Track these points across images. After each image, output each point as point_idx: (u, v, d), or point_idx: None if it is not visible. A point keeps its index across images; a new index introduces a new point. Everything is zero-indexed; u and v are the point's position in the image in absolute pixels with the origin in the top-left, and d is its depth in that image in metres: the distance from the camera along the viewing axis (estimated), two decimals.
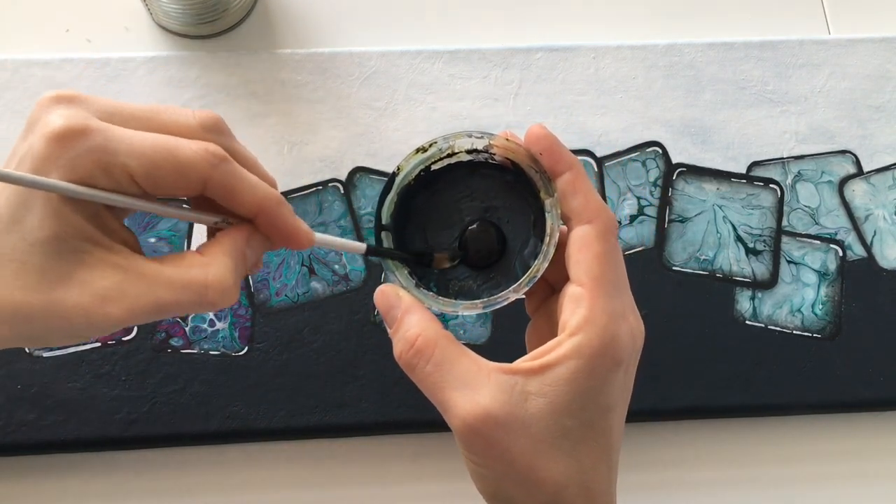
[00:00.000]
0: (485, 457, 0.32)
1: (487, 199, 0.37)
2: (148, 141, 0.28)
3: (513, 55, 0.51)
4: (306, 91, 0.50)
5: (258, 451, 0.45)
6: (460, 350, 0.33)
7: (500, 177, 0.37)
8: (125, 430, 0.43)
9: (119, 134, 0.28)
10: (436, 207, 0.37)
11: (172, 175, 0.29)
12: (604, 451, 0.33)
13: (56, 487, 0.44)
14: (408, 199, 0.37)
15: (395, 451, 0.45)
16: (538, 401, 0.31)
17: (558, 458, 0.31)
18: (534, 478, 0.31)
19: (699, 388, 0.46)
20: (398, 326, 0.33)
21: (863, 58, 0.53)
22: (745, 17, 0.56)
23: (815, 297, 0.48)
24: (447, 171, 0.37)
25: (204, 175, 0.29)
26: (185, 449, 0.45)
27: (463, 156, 0.36)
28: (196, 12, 0.49)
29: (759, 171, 0.50)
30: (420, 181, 0.37)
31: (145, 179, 0.28)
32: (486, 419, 0.31)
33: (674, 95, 0.51)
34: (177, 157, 0.29)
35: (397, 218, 0.36)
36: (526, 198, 0.36)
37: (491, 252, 0.36)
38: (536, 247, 0.36)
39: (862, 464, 0.47)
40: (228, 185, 0.30)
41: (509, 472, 0.32)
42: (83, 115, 0.28)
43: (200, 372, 0.44)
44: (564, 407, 0.31)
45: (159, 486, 0.44)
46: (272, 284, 0.46)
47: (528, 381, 0.32)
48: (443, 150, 0.36)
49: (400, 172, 0.36)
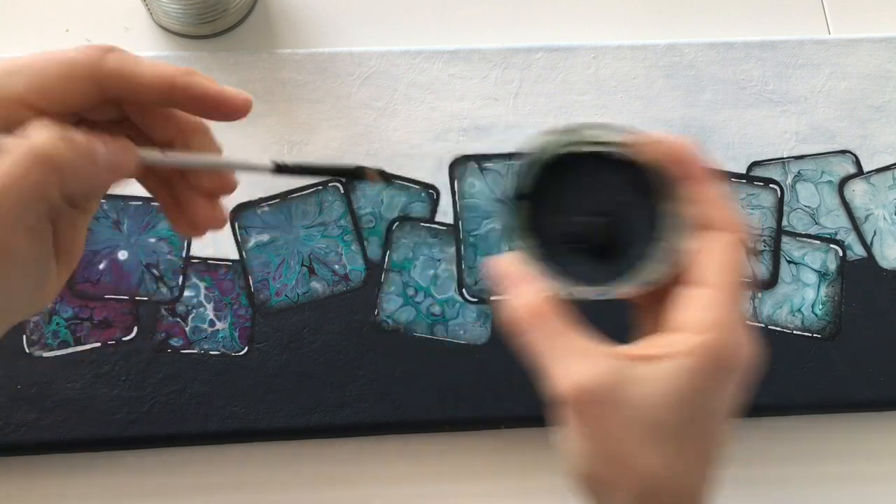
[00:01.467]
0: (585, 429, 0.32)
1: (613, 193, 0.37)
2: (36, 58, 0.28)
3: (513, 55, 0.51)
4: (306, 91, 0.50)
5: (258, 451, 0.45)
6: (574, 323, 0.33)
7: (629, 174, 0.37)
8: (125, 430, 0.43)
9: (6, 62, 0.28)
10: (562, 190, 0.38)
11: (61, 83, 0.28)
12: (701, 457, 0.33)
13: (56, 487, 0.44)
14: (541, 176, 0.37)
15: (395, 451, 0.45)
16: (645, 388, 0.31)
17: (656, 450, 0.31)
18: (629, 463, 0.31)
19: None
20: (516, 292, 0.33)
21: (863, 58, 0.53)
22: (745, 17, 0.56)
23: (815, 298, 0.48)
24: (580, 158, 0.37)
25: (91, 71, 0.28)
26: (185, 449, 0.45)
27: (599, 146, 0.37)
28: (196, 12, 0.49)
29: (759, 171, 0.50)
30: (554, 162, 0.37)
31: (38, 99, 0.27)
32: (595, 391, 0.31)
33: (674, 95, 0.51)
34: (62, 63, 0.28)
35: (530, 191, 0.37)
36: (651, 200, 0.36)
37: (608, 244, 0.37)
38: (654, 248, 0.36)
39: (862, 464, 0.47)
40: (125, 69, 0.28)
41: (605, 450, 0.32)
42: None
43: (200, 372, 0.44)
44: (671, 401, 0.31)
45: (159, 486, 0.44)
46: (272, 284, 0.46)
47: (638, 367, 0.31)
48: (582, 137, 0.37)
49: (541, 149, 0.36)
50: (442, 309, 0.47)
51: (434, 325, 0.46)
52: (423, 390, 0.45)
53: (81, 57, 0.28)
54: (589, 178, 0.37)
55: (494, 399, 0.45)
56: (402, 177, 0.49)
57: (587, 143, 0.37)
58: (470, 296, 0.47)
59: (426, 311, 0.47)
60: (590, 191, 0.38)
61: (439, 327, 0.46)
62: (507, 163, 0.49)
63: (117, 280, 0.46)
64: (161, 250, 0.47)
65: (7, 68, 0.27)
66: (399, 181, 0.49)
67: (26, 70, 0.27)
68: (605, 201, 0.37)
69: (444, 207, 0.48)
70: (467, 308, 0.47)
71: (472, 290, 0.47)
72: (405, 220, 0.48)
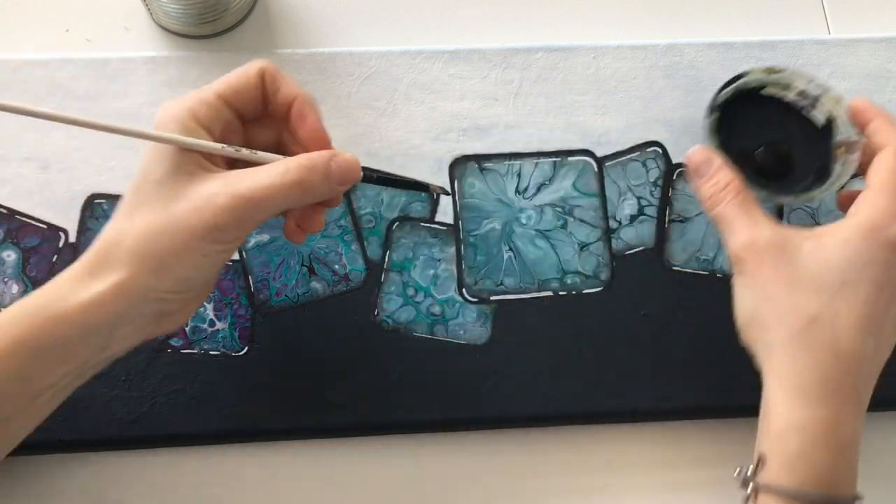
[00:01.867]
0: (754, 276, 0.40)
1: (793, 132, 0.47)
2: (222, 76, 0.39)
3: (513, 55, 0.51)
4: None
5: (258, 451, 0.45)
6: (757, 202, 0.42)
7: (810, 124, 0.47)
8: (125, 430, 0.43)
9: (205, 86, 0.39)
10: (754, 118, 0.47)
11: (242, 79, 0.38)
12: (859, 317, 0.38)
13: (56, 487, 0.44)
14: (739, 98, 0.46)
15: (395, 451, 0.45)
16: (803, 251, 0.39)
17: (813, 298, 0.38)
18: (788, 306, 0.38)
19: (699, 388, 0.46)
20: (713, 174, 0.43)
21: (863, 58, 0.53)
22: (745, 17, 0.56)
23: None
24: (774, 98, 0.47)
25: (259, 68, 0.39)
26: (185, 449, 0.45)
27: (793, 95, 0.47)
28: (196, 12, 0.49)
29: None
30: (754, 91, 0.47)
31: (228, 92, 0.38)
32: (765, 246, 0.39)
33: (674, 95, 0.51)
34: (239, 69, 0.39)
35: (725, 108, 0.46)
36: (824, 147, 0.46)
37: (781, 168, 0.46)
38: (815, 183, 0.45)
39: (862, 464, 0.47)
40: (277, 77, 0.39)
41: (769, 296, 0.39)
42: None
43: (200, 372, 0.44)
44: (826, 261, 0.39)
45: (159, 486, 0.44)
46: (272, 284, 0.46)
47: (804, 239, 0.39)
48: (785, 79, 0.47)
49: (746, 76, 0.46)
50: (442, 309, 0.47)
51: (434, 325, 0.46)
52: (423, 390, 0.45)
53: (255, 67, 0.39)
54: (779, 115, 0.47)
55: (494, 399, 0.45)
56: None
57: (787, 87, 0.47)
58: (470, 296, 0.47)
59: (426, 311, 0.47)
60: (769, 122, 0.47)
61: (439, 327, 0.46)
62: (506, 163, 0.49)
63: None
64: None
65: (209, 85, 0.38)
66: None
67: (219, 80, 0.38)
68: (779, 133, 0.47)
69: (444, 207, 0.48)
70: (467, 308, 0.47)
71: (472, 290, 0.47)
72: (405, 220, 0.48)
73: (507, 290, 0.47)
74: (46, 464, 0.44)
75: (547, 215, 0.49)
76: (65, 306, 0.34)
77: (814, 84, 0.46)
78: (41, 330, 0.34)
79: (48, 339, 0.34)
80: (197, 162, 0.36)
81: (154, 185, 0.36)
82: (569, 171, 0.49)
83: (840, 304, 0.38)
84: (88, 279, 0.35)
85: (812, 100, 0.46)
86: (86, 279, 0.35)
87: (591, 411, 0.45)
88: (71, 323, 0.34)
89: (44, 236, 0.46)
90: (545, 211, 0.49)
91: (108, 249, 0.35)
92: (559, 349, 0.46)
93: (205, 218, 0.35)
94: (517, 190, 0.49)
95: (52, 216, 0.47)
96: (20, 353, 0.34)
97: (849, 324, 0.38)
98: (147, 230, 0.35)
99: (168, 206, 0.35)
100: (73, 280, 0.35)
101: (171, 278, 0.36)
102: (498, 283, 0.47)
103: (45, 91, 0.49)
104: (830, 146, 0.46)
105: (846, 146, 0.45)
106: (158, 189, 0.35)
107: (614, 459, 0.46)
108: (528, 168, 0.49)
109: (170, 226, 0.35)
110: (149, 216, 0.35)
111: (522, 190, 0.49)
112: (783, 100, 0.47)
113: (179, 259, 0.35)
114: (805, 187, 0.46)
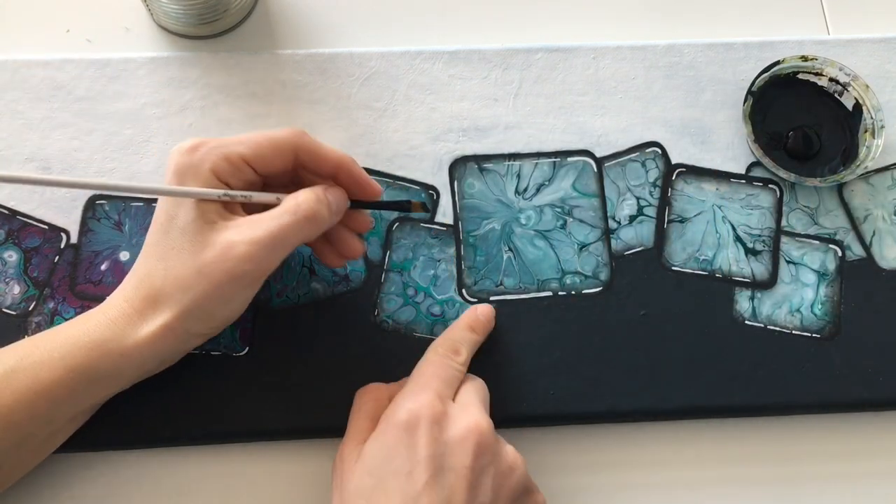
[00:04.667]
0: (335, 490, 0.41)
1: (821, 116, 0.51)
2: (251, 134, 0.40)
3: (513, 55, 0.51)
4: (306, 91, 0.50)
5: (258, 451, 0.45)
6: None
7: (838, 108, 0.51)
8: (125, 430, 0.43)
9: (229, 138, 0.40)
10: (787, 103, 0.51)
11: (272, 151, 0.40)
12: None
13: (56, 487, 0.44)
14: (773, 83, 0.51)
15: None
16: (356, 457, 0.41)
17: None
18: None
19: (699, 388, 0.46)
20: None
21: (863, 58, 0.53)
22: (745, 17, 0.56)
23: (815, 298, 0.48)
24: (807, 83, 0.51)
25: (294, 144, 0.40)
26: (185, 449, 0.45)
27: (824, 80, 0.51)
28: (197, 13, 0.49)
29: (759, 172, 0.50)
30: (790, 77, 0.51)
31: (255, 159, 0.39)
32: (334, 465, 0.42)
33: (674, 96, 0.51)
34: (273, 138, 0.40)
35: (759, 95, 0.50)
36: (850, 131, 0.50)
37: (810, 152, 0.50)
38: (841, 166, 0.50)
39: (862, 464, 0.47)
40: (313, 149, 0.41)
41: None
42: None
43: (200, 372, 0.45)
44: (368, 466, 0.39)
45: (159, 486, 0.44)
46: (272, 285, 0.46)
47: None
48: (816, 66, 0.51)
49: (781, 63, 0.50)
50: (442, 309, 0.47)
51: (434, 325, 0.46)
52: None
53: (288, 137, 0.40)
54: (808, 99, 0.51)
55: (494, 399, 0.45)
56: (402, 177, 0.49)
57: (819, 74, 0.51)
58: (470, 296, 0.47)
59: (426, 311, 0.47)
60: (801, 107, 0.51)
61: (439, 327, 0.46)
62: (506, 163, 0.49)
63: (119, 280, 0.46)
64: None
65: (237, 139, 0.40)
66: (399, 182, 0.49)
67: (249, 142, 0.40)
68: (810, 117, 0.50)
69: (443, 208, 0.48)
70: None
71: (472, 290, 0.47)
72: (405, 221, 0.48)
73: (507, 290, 0.47)
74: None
75: (546, 216, 0.49)
76: (124, 344, 0.38)
77: (844, 72, 0.50)
78: (101, 361, 0.38)
79: (107, 369, 0.39)
80: (216, 210, 0.39)
81: (180, 232, 0.38)
82: (568, 171, 0.50)
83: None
84: (139, 319, 0.39)
85: (842, 86, 0.50)
86: (136, 319, 0.39)
87: (590, 411, 0.46)
88: (127, 357, 0.38)
89: (45, 237, 0.47)
90: (545, 211, 0.49)
91: (151, 293, 0.39)
92: (559, 349, 0.46)
93: (228, 267, 0.38)
94: (517, 190, 0.49)
95: (53, 217, 0.47)
96: (76, 380, 0.38)
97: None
98: (181, 279, 0.38)
99: (196, 257, 0.38)
100: (126, 319, 0.39)
101: (209, 319, 0.40)
102: (497, 284, 0.47)
103: (46, 91, 0.49)
104: (857, 131, 0.50)
105: (871, 131, 0.49)
106: (183, 236, 0.38)
107: (614, 459, 0.46)
108: (527, 168, 0.49)
109: (200, 276, 0.38)
110: (180, 265, 0.38)
111: (522, 190, 0.49)
112: (816, 84, 0.51)
113: (213, 304, 0.39)
114: (832, 169, 0.50)
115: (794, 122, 0.50)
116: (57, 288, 0.46)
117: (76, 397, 0.39)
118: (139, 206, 0.47)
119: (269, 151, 0.40)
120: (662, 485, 0.46)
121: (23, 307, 0.45)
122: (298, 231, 0.39)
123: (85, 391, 0.39)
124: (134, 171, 0.48)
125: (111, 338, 0.38)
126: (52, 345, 0.38)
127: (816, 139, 0.50)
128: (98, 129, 0.49)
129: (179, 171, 0.39)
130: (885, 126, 0.49)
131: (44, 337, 0.39)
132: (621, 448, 0.46)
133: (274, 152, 0.40)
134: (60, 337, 0.39)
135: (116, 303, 0.39)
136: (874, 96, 0.50)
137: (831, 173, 0.50)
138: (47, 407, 0.38)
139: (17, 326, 0.45)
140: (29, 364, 0.38)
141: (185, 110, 0.49)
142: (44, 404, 0.38)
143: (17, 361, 0.38)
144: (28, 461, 0.41)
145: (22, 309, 0.45)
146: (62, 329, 0.39)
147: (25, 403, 0.37)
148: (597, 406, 0.46)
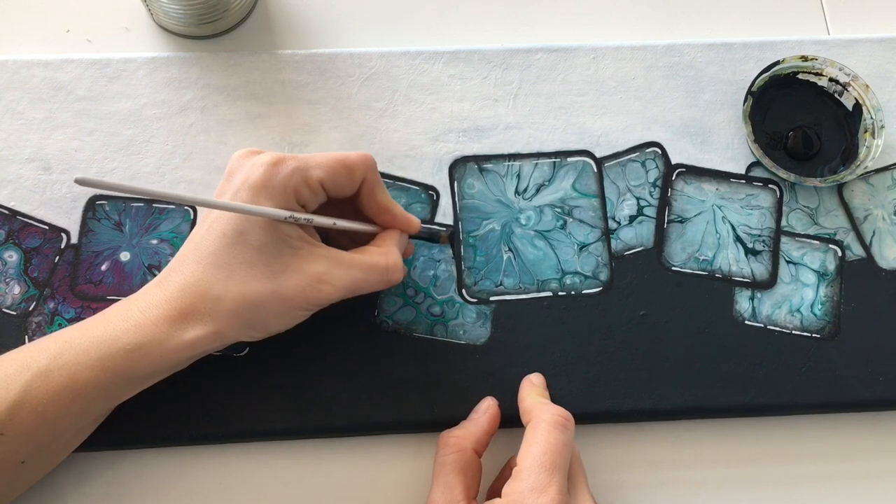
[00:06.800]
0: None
1: (821, 116, 0.51)
2: (326, 156, 0.41)
3: (513, 55, 0.51)
4: (306, 92, 0.50)
5: (258, 451, 0.45)
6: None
7: (838, 108, 0.51)
8: (125, 430, 0.43)
9: (307, 156, 0.40)
10: (787, 102, 0.51)
11: (346, 179, 0.41)
12: None
13: (56, 487, 0.44)
14: (773, 83, 0.51)
15: (395, 451, 0.46)
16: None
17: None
18: None
19: (699, 388, 0.46)
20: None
21: (862, 58, 0.53)
22: (745, 17, 0.56)
23: (815, 298, 0.48)
24: (806, 83, 0.51)
25: (364, 173, 0.41)
26: (185, 449, 0.45)
27: (824, 80, 0.51)
28: (197, 13, 0.49)
29: (759, 172, 0.50)
30: (789, 77, 0.51)
31: (329, 183, 0.40)
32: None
33: (673, 96, 0.51)
34: (348, 165, 0.41)
35: (759, 95, 0.50)
36: (849, 131, 0.50)
37: (809, 152, 0.50)
38: (841, 165, 0.50)
39: (862, 464, 0.47)
40: (376, 185, 0.42)
41: None
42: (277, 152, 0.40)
43: (201, 372, 0.45)
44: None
45: (159, 486, 0.44)
46: None
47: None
48: (816, 66, 0.50)
49: (781, 63, 0.50)
50: (442, 309, 0.47)
51: (434, 325, 0.46)
52: (422, 390, 0.45)
53: (360, 162, 0.41)
54: (808, 99, 0.51)
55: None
56: (401, 178, 0.49)
57: (819, 74, 0.51)
58: (470, 296, 0.47)
59: (426, 311, 0.47)
60: (801, 107, 0.51)
61: (439, 327, 0.46)
62: (506, 163, 0.49)
63: (119, 281, 0.46)
64: (163, 251, 0.47)
65: (314, 162, 0.40)
66: (399, 182, 0.49)
67: (325, 166, 0.40)
68: (809, 117, 0.51)
69: (443, 208, 0.48)
70: (467, 308, 0.47)
71: (472, 291, 0.47)
72: None
73: (507, 290, 0.47)
74: None
75: (546, 216, 0.49)
76: (165, 346, 0.38)
77: (843, 72, 0.50)
78: (140, 363, 0.38)
79: (146, 371, 0.39)
80: (298, 234, 0.39)
81: (255, 251, 0.38)
82: (568, 171, 0.50)
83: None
84: (183, 322, 0.38)
85: (842, 86, 0.50)
86: (180, 322, 0.38)
87: (591, 411, 0.46)
88: (167, 360, 0.39)
89: (45, 237, 0.47)
90: (544, 211, 0.49)
91: (204, 304, 0.38)
92: (559, 349, 0.46)
93: (309, 298, 0.39)
94: (517, 191, 0.49)
95: (53, 217, 0.47)
96: (113, 381, 0.38)
97: None
98: (250, 297, 0.38)
99: (275, 279, 0.38)
100: (168, 321, 0.38)
101: (264, 331, 0.41)
102: (497, 284, 0.47)
103: (46, 92, 0.49)
104: (857, 131, 0.50)
105: (871, 131, 0.49)
106: (260, 256, 0.38)
107: (614, 459, 0.46)
108: (527, 169, 0.49)
109: (275, 297, 0.38)
110: (252, 281, 0.38)
111: (522, 191, 0.49)
112: (816, 84, 0.51)
113: (276, 320, 0.40)
114: (832, 169, 0.50)
115: (793, 122, 0.51)
116: (57, 288, 0.46)
117: (110, 397, 0.39)
118: (140, 206, 0.47)
119: (343, 179, 0.41)
120: (662, 485, 0.46)
121: (23, 307, 0.45)
122: (374, 287, 0.41)
123: (119, 391, 0.39)
124: (134, 171, 0.48)
125: (152, 340, 0.38)
126: (88, 344, 0.38)
127: (816, 139, 0.50)
128: (98, 130, 0.49)
129: (258, 185, 0.39)
130: (885, 126, 0.49)
131: (76, 335, 0.38)
132: (621, 448, 0.46)
133: (346, 179, 0.41)
134: (96, 337, 0.38)
135: (156, 302, 0.39)
136: (874, 96, 0.50)
137: (831, 173, 0.50)
138: (81, 406, 0.38)
139: (17, 326, 0.45)
140: (63, 363, 0.37)
141: (185, 110, 0.49)
142: (79, 403, 0.38)
143: (49, 360, 0.37)
144: (52, 460, 0.41)
145: (22, 309, 0.45)
146: (95, 327, 0.39)
147: (60, 403, 0.37)
148: (597, 406, 0.46)
